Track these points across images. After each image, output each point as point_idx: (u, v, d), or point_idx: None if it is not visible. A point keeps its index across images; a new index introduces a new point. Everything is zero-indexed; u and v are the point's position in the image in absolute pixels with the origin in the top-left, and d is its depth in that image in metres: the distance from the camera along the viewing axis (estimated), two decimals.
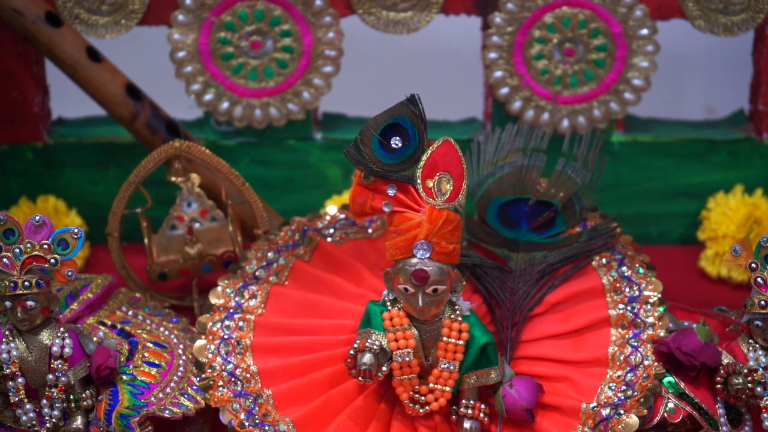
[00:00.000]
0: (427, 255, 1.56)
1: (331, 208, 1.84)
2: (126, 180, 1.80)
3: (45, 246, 1.56)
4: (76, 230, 1.57)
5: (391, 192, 1.58)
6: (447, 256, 1.57)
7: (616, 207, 1.94)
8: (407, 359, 1.59)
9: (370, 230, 1.80)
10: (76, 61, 1.89)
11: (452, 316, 1.60)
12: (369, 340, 1.58)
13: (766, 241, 1.62)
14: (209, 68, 1.95)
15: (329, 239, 1.78)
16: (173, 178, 1.84)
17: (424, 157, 1.57)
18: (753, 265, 1.63)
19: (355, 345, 1.59)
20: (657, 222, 2.06)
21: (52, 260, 1.56)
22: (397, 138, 1.58)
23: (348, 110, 2.07)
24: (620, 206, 1.99)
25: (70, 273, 1.57)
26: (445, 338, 1.60)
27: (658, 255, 1.90)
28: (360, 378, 1.58)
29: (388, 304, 1.61)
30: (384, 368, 1.59)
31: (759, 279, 1.62)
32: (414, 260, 1.57)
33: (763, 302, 1.62)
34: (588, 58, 1.95)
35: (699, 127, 2.06)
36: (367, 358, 1.57)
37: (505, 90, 1.97)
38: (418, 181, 1.57)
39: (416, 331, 1.60)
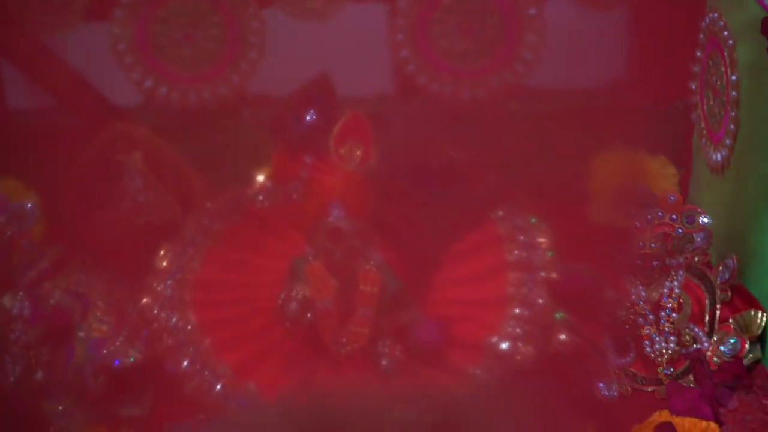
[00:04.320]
0: (342, 213, 1.61)
1: (260, 178, 1.87)
2: None
3: None
4: (29, 204, 1.60)
5: (308, 159, 1.63)
6: (360, 214, 1.62)
7: (516, 167, 1.97)
8: (328, 307, 1.63)
9: (295, 196, 1.83)
10: None
11: (367, 266, 1.64)
12: (294, 291, 1.63)
13: (641, 189, 1.68)
14: (147, 58, 1.98)
15: (258, 205, 1.82)
16: None
17: (336, 128, 1.62)
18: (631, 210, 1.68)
19: (282, 296, 1.63)
20: (553, 179, 2.07)
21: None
22: (311, 111, 1.62)
23: (274, 92, 2.09)
24: (520, 167, 2.02)
25: (25, 243, 1.60)
26: (361, 286, 1.64)
27: (555, 208, 1.92)
28: (288, 324, 1.63)
29: (310, 258, 1.65)
30: (308, 315, 1.63)
31: (636, 223, 1.68)
32: (330, 219, 1.61)
33: (640, 243, 1.67)
34: (484, 36, 1.99)
35: (585, 94, 2.10)
36: (293, 306, 1.62)
37: (411, 67, 2.00)
38: (332, 149, 1.61)
39: (335, 282, 1.64)
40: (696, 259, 1.74)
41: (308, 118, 1.62)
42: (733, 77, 1.77)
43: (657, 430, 1.41)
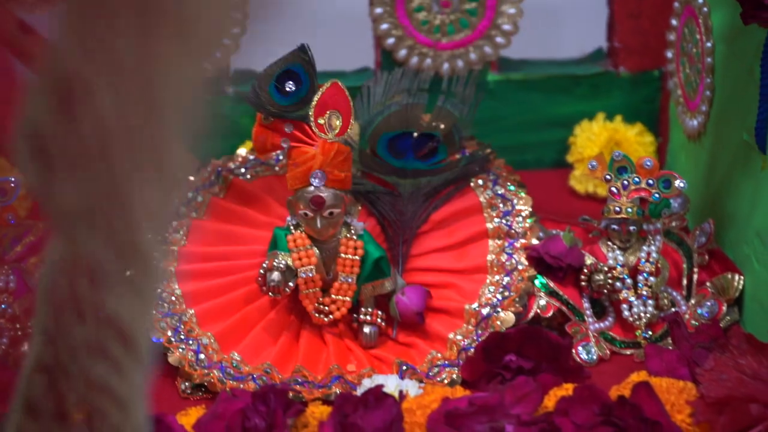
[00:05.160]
0: (322, 182, 1.60)
1: (242, 151, 1.87)
2: None
3: None
4: (13, 179, 1.60)
5: (287, 129, 1.62)
6: (339, 183, 1.62)
7: (495, 138, 1.97)
8: (310, 275, 1.63)
9: (277, 168, 1.83)
10: None
11: (348, 235, 1.64)
12: (276, 260, 1.62)
13: (617, 156, 1.68)
14: None
15: (241, 177, 1.81)
16: None
17: (315, 98, 1.61)
18: (607, 176, 1.68)
19: (264, 265, 1.63)
20: (532, 149, 2.10)
21: None
22: (291, 82, 1.61)
23: (256, 66, 2.09)
24: (499, 137, 2.02)
25: (9, 217, 1.60)
26: (342, 255, 1.64)
27: (535, 178, 1.94)
28: (270, 294, 1.62)
29: (292, 228, 1.65)
30: (290, 284, 1.63)
31: (613, 189, 1.68)
32: (311, 188, 1.61)
33: (617, 208, 1.67)
34: (462, 8, 1.98)
35: (564, 65, 2.10)
36: (275, 275, 1.62)
37: (391, 41, 2.00)
38: (311, 119, 1.61)
39: (317, 250, 1.64)
40: (673, 224, 1.74)
41: (288, 88, 1.61)
42: (708, 44, 1.77)
43: (635, 390, 1.40)
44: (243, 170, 1.82)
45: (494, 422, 1.39)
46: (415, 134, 1.81)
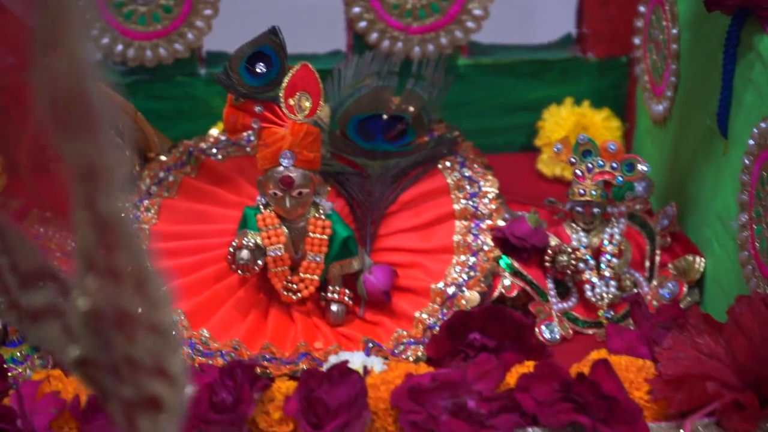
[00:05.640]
0: (292, 163, 1.63)
1: (214, 131, 1.89)
2: None
3: None
4: None
5: (258, 110, 1.64)
6: (309, 164, 1.64)
7: (465, 122, 2.00)
8: (279, 254, 1.65)
9: (248, 148, 1.85)
10: None
11: (316, 215, 1.67)
12: (245, 239, 1.64)
13: (582, 139, 1.70)
14: (104, 16, 1.99)
15: (212, 157, 1.83)
16: None
17: (285, 80, 1.63)
18: (572, 159, 1.71)
19: (234, 243, 1.65)
20: (502, 133, 2.13)
21: None
22: (261, 64, 1.64)
23: (228, 48, 2.11)
24: (469, 121, 2.04)
25: None
26: (311, 234, 1.66)
27: (503, 161, 1.96)
28: (239, 272, 1.65)
29: (261, 207, 1.67)
30: (259, 262, 1.65)
31: (577, 171, 1.70)
32: (280, 168, 1.63)
33: (581, 191, 1.70)
34: None
35: (533, 50, 2.13)
36: (245, 254, 1.64)
37: (362, 24, 2.02)
38: (281, 100, 1.63)
39: (286, 230, 1.66)
40: (637, 207, 1.76)
41: (258, 70, 1.64)
42: (674, 31, 1.79)
43: (594, 367, 1.43)
44: (214, 150, 1.85)
45: (456, 398, 1.41)
46: (385, 116, 1.83)
